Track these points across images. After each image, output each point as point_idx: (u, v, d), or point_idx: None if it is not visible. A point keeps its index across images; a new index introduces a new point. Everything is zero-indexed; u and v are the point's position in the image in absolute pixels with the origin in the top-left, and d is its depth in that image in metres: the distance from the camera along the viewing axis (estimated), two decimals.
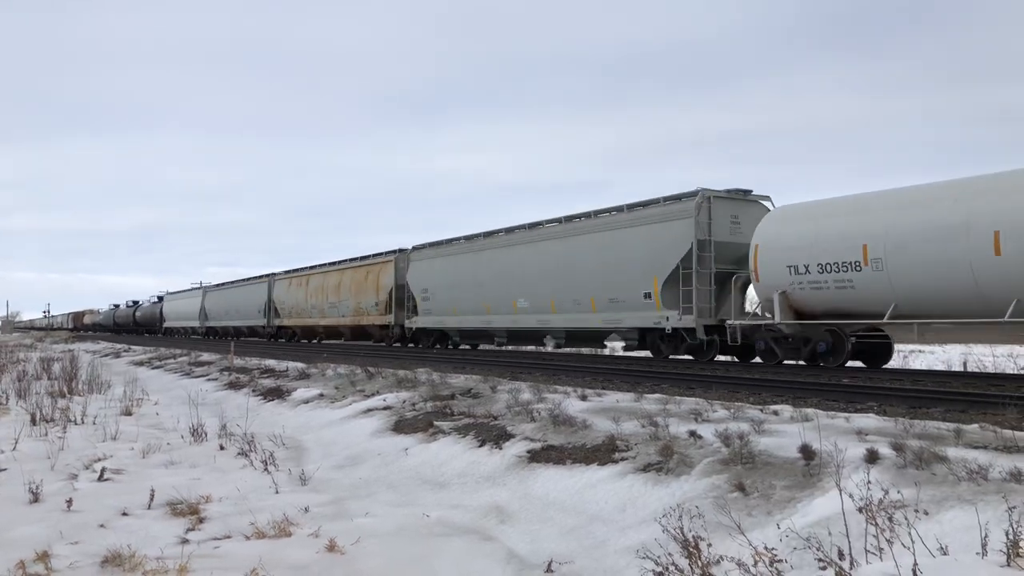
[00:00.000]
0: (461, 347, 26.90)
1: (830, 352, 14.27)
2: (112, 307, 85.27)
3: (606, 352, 22.50)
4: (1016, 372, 14.57)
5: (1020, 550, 3.20)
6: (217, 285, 52.40)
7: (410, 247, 28.97)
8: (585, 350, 22.74)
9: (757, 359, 16.02)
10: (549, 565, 4.56)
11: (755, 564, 3.55)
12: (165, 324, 61.43)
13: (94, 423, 10.04)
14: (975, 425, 6.42)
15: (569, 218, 20.86)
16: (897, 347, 15.83)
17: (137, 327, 71.93)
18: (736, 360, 17.20)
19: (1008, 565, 3.16)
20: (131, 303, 77.34)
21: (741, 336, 15.64)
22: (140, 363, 26.52)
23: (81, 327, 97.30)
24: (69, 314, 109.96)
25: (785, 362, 15.29)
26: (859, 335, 14.34)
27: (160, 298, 66.92)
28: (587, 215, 20.24)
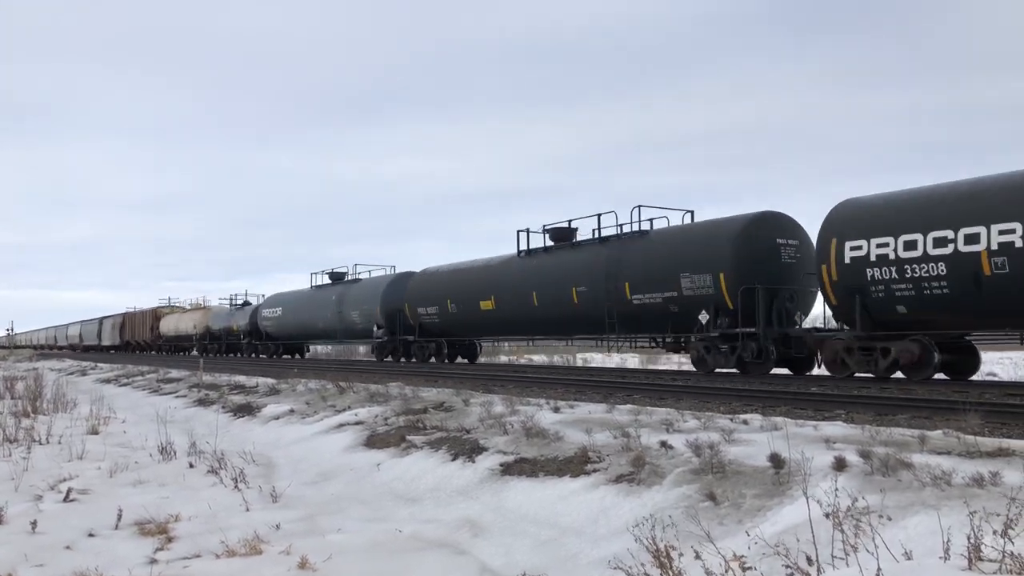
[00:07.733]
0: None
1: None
2: (276, 299, 38.66)
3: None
4: (978, 379, 14.86)
5: (981, 554, 3.28)
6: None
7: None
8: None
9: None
10: None
11: (725, 572, 3.60)
12: None
13: (60, 443, 9.85)
14: (939, 431, 6.55)
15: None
16: None
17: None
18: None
19: (970, 568, 3.23)
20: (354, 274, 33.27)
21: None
22: (107, 380, 26.11)
23: (150, 345, 54.20)
24: (111, 319, 62.82)
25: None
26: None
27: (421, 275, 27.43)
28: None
